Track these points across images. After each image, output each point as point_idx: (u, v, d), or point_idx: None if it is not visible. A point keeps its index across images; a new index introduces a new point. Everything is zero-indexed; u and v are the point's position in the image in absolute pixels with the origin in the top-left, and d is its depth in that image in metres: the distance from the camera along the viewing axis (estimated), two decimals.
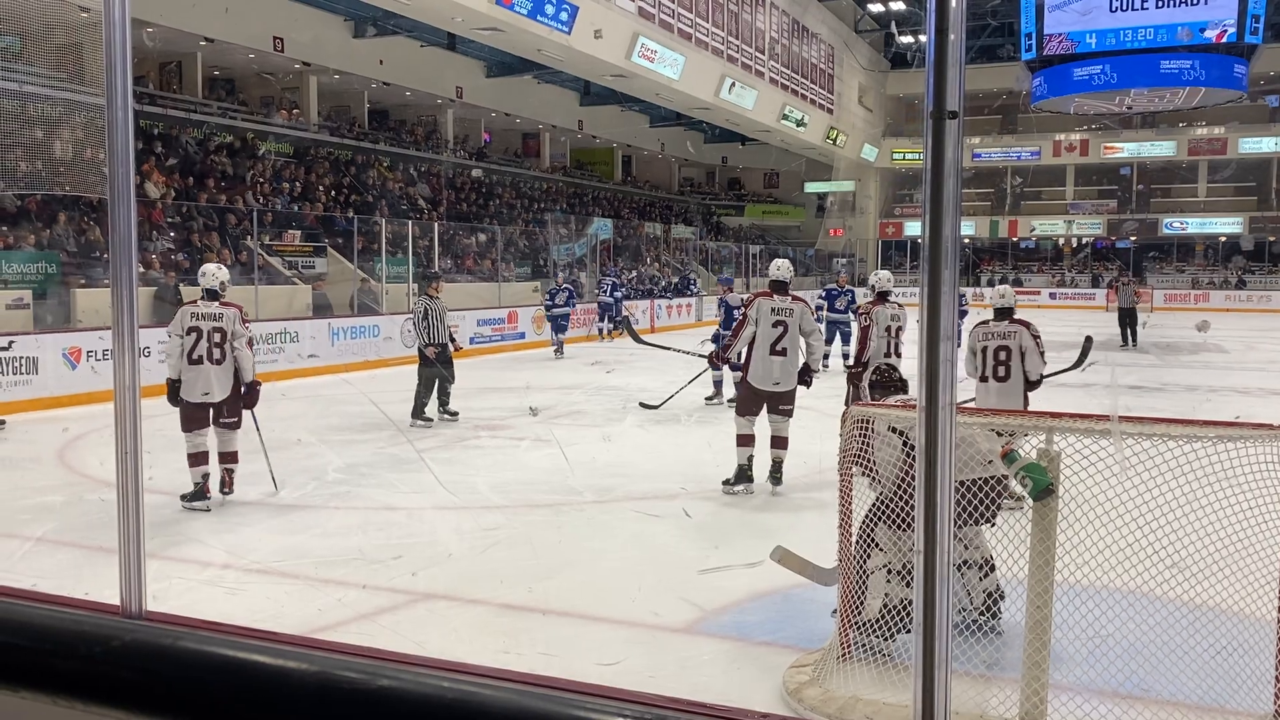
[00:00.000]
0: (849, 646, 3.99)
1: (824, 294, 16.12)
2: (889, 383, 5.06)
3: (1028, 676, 3.41)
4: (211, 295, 7.08)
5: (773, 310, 7.25)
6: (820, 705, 3.66)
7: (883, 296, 8.46)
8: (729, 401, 11.14)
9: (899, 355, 8.04)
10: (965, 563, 4.23)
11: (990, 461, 3.76)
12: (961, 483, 3.76)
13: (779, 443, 7.35)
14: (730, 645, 4.46)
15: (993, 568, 4.24)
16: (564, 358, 17.50)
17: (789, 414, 7.35)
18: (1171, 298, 36.63)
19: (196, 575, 5.35)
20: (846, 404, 7.89)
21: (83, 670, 1.32)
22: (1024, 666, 3.42)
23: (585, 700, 1.10)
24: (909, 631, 3.95)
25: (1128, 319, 19.45)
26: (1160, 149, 40.84)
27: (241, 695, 1.21)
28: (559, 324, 18.31)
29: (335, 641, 1.76)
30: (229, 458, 7.03)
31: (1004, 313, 7.25)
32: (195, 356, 6.86)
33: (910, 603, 3.80)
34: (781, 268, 7.57)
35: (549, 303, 18.56)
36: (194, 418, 6.90)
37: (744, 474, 7.16)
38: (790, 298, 7.43)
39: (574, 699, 1.12)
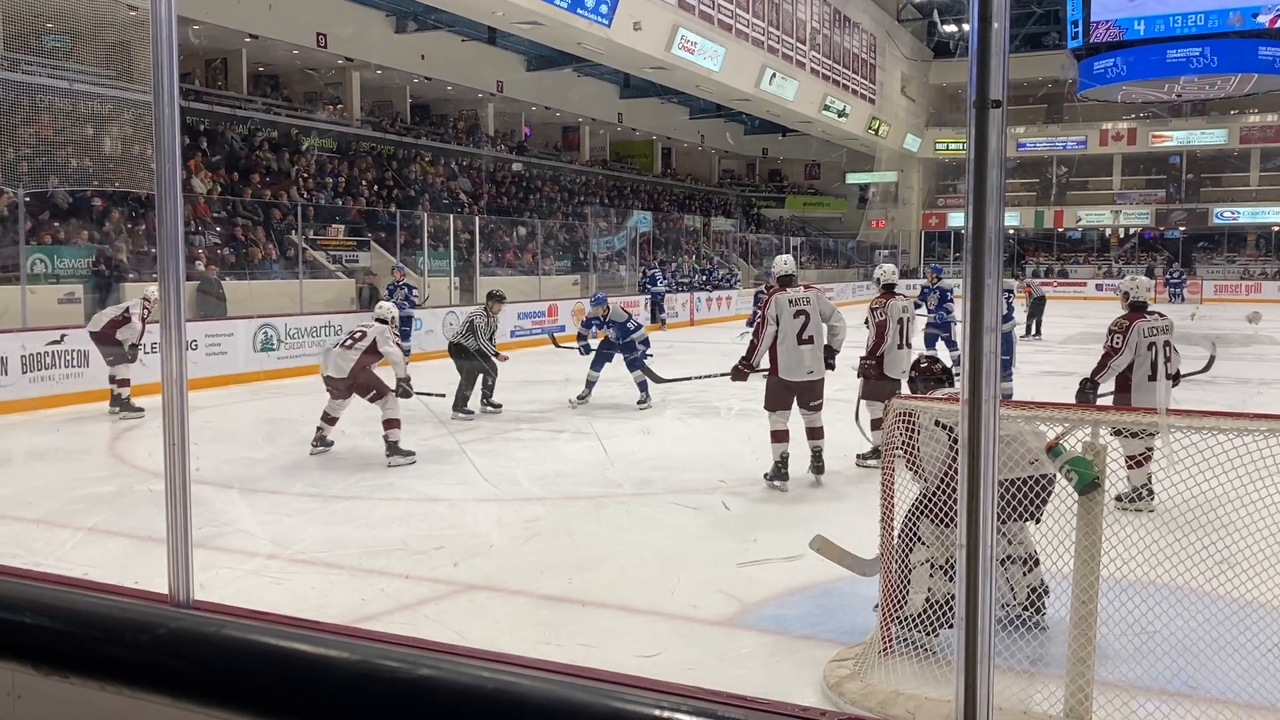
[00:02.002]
0: (890, 641, 3.97)
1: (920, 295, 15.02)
2: (931, 375, 5.01)
3: (1072, 672, 3.36)
4: (381, 320, 8.54)
5: (791, 302, 7.27)
6: (861, 699, 3.64)
7: (889, 289, 8.40)
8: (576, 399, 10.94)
9: (909, 346, 8.05)
10: (1009, 558, 4.18)
11: (1036, 460, 3.70)
12: (1008, 480, 3.71)
13: (815, 434, 7.35)
14: (770, 638, 4.45)
15: (1037, 563, 4.19)
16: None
17: (819, 407, 7.37)
18: (1222, 289, 35.98)
19: (243, 565, 5.42)
20: (858, 399, 7.82)
21: (131, 657, 1.35)
22: (1069, 662, 3.38)
23: (624, 691, 1.10)
24: (952, 626, 3.85)
25: (1037, 309, 20.08)
26: (1211, 137, 40.05)
27: (284, 683, 1.23)
28: (400, 330, 15.60)
29: (376, 631, 1.78)
30: (386, 424, 8.05)
31: (1143, 305, 6.85)
32: (335, 345, 8.49)
33: (954, 598, 3.79)
34: (786, 262, 7.66)
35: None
36: (329, 388, 8.32)
37: (779, 470, 7.16)
38: (803, 287, 7.50)
39: (613, 690, 1.12)
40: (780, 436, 7.18)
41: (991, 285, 1.47)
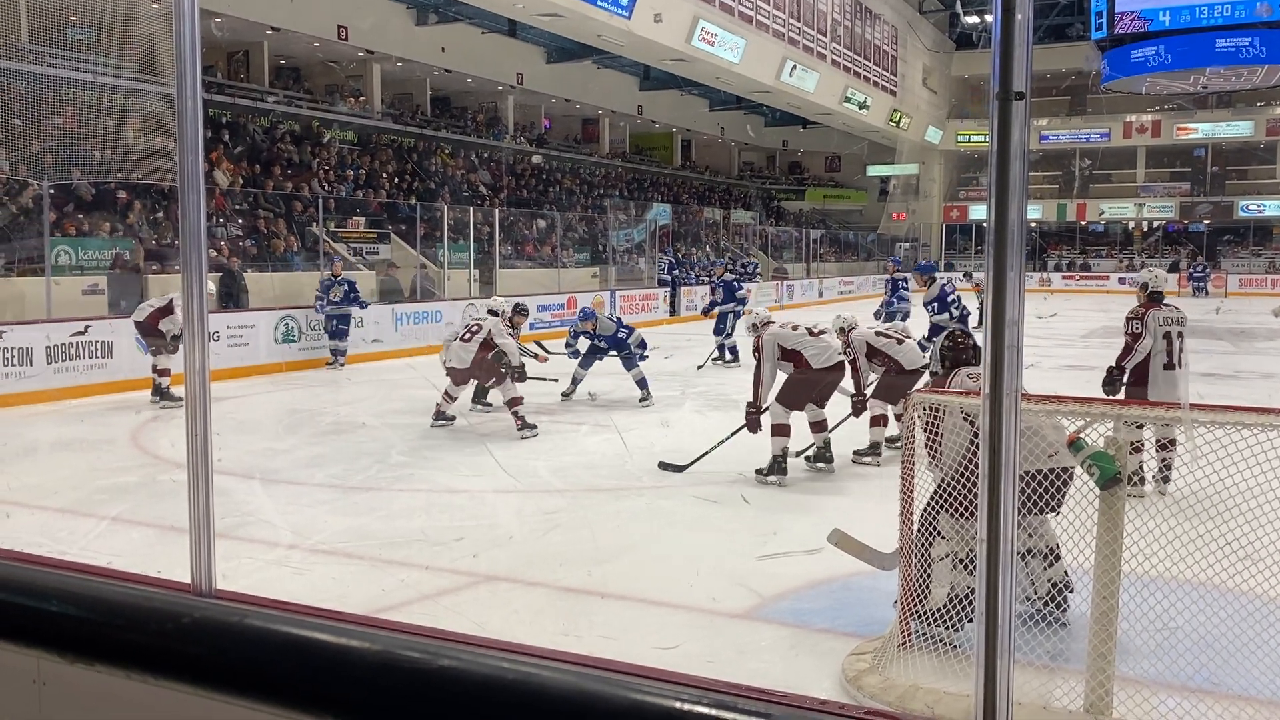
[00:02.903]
0: (909, 634, 3.96)
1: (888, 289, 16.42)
2: (962, 349, 4.97)
3: (1093, 668, 3.35)
4: (492, 313, 9.72)
5: (781, 325, 7.64)
6: (880, 693, 3.64)
7: (848, 330, 8.25)
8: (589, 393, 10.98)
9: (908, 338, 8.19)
10: (1029, 551, 4.15)
11: (1055, 453, 3.67)
12: (1027, 473, 3.69)
13: (821, 426, 7.50)
14: (789, 632, 4.45)
15: (1058, 557, 4.17)
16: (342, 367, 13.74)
17: (824, 402, 7.56)
18: (1247, 282, 35.62)
19: (264, 555, 5.46)
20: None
21: (155, 645, 1.36)
22: (1089, 658, 3.36)
23: (644, 684, 1.11)
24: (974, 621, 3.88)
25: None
26: (1236, 129, 39.60)
27: (306, 672, 1.24)
28: (337, 328, 13.85)
29: (397, 621, 1.79)
30: (510, 404, 8.89)
31: (1160, 296, 7.10)
32: (455, 338, 9.28)
33: (974, 592, 3.78)
34: (760, 313, 8.30)
35: (321, 299, 13.83)
36: (450, 375, 9.21)
37: (778, 465, 7.17)
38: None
39: (632, 681, 1.13)
40: (783, 431, 7.24)
41: (1014, 279, 1.46)
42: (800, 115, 36.19)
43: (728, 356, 14.19)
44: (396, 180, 22.93)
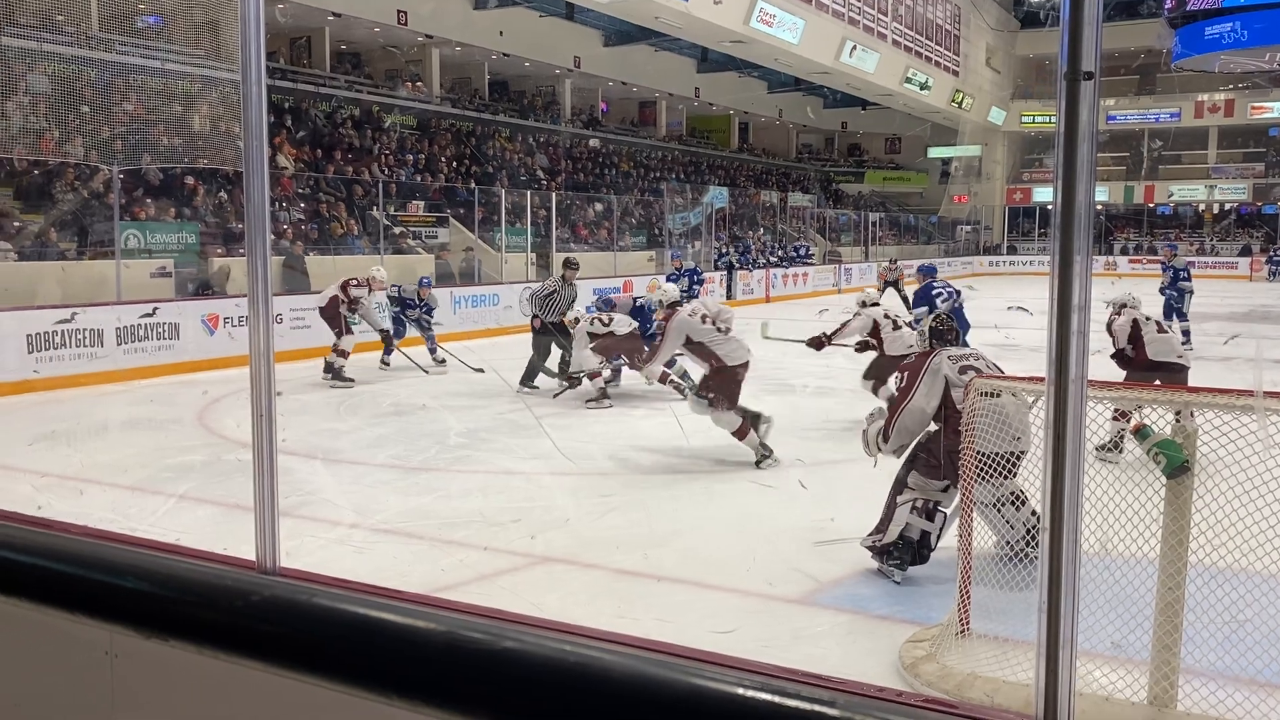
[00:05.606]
0: (968, 622, 3.92)
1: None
2: (946, 331, 5.27)
3: (1157, 659, 3.29)
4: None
5: (691, 313, 7.52)
6: (937, 681, 3.61)
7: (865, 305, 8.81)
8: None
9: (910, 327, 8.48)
10: (999, 501, 4.54)
11: (1019, 438, 4.24)
12: (994, 454, 4.16)
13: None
14: (846, 617, 4.43)
15: (1025, 499, 4.55)
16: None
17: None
18: None
19: (327, 534, 5.56)
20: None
21: (225, 622, 1.39)
22: (1153, 649, 3.30)
23: (705, 669, 1.11)
24: (923, 562, 4.77)
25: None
26: None
27: (372, 651, 1.26)
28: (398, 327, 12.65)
29: (459, 602, 1.81)
30: (592, 376, 9.69)
31: None
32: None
33: (928, 535, 4.74)
34: (669, 290, 8.56)
35: (406, 314, 12.72)
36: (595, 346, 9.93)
37: (763, 456, 7.16)
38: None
39: (693, 666, 1.13)
40: (744, 431, 7.15)
41: (1081, 262, 1.43)
42: (860, 96, 35.74)
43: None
44: (455, 164, 23.10)
